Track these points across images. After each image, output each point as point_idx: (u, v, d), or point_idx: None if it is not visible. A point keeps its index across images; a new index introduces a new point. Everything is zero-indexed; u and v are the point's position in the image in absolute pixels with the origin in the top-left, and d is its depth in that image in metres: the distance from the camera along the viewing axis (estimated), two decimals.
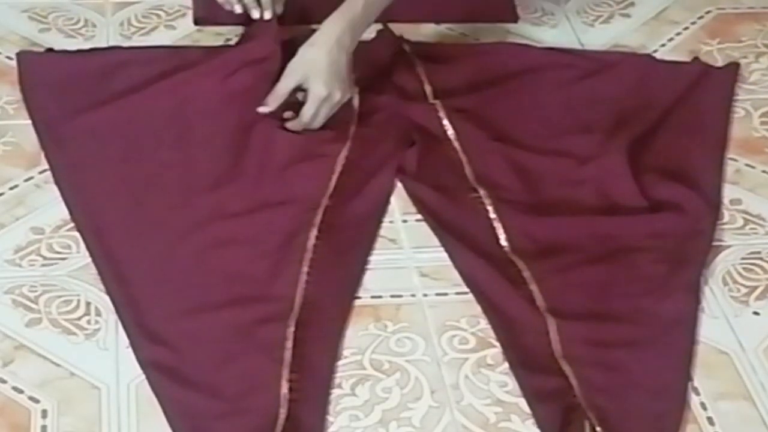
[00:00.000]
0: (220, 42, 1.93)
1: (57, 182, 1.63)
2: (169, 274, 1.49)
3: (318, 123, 1.70)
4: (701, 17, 2.10)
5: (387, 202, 1.64)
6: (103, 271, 1.49)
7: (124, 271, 1.48)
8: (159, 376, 1.36)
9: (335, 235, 1.55)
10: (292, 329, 1.41)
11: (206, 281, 1.48)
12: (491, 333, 1.45)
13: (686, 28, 2.07)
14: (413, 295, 1.50)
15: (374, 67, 1.82)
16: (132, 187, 1.61)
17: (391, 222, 1.61)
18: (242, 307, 1.44)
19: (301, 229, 1.55)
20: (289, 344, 1.39)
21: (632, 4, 2.12)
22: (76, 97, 1.75)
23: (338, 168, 1.65)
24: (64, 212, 1.58)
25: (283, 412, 1.31)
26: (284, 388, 1.34)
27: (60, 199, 1.60)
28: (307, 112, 1.68)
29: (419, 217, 1.63)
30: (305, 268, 1.50)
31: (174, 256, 1.51)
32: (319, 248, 1.52)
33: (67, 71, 1.81)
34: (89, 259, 1.51)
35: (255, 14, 1.85)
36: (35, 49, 1.89)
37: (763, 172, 1.75)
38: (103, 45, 1.91)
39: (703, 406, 1.37)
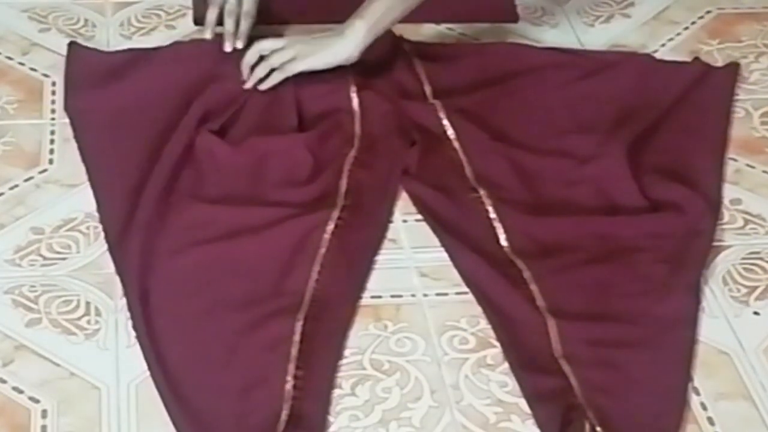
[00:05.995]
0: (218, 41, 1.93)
1: (88, 171, 1.64)
2: (179, 271, 1.48)
3: (257, 58, 1.75)
4: (701, 17, 2.10)
5: (395, 202, 1.64)
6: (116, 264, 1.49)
7: (132, 267, 1.48)
8: (163, 373, 1.35)
9: (348, 235, 1.55)
10: (300, 323, 1.41)
11: (217, 279, 1.48)
12: (491, 333, 1.45)
13: (686, 28, 2.07)
14: (413, 295, 1.50)
15: (374, 67, 1.82)
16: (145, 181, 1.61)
17: (391, 222, 1.61)
18: (252, 304, 1.44)
19: (314, 228, 1.54)
20: (297, 338, 1.39)
21: (632, 4, 2.12)
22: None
23: (348, 167, 1.65)
24: (64, 212, 1.58)
25: (286, 409, 1.31)
26: (289, 384, 1.34)
27: (59, 199, 1.60)
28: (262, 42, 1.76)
29: (419, 217, 1.62)
30: (317, 267, 1.50)
31: (185, 253, 1.50)
32: (331, 248, 1.52)
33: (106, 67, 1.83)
34: (89, 259, 1.51)
35: (227, 47, 1.83)
36: (35, 48, 1.89)
37: (764, 172, 1.75)
38: (104, 45, 1.92)
39: (703, 406, 1.37)
